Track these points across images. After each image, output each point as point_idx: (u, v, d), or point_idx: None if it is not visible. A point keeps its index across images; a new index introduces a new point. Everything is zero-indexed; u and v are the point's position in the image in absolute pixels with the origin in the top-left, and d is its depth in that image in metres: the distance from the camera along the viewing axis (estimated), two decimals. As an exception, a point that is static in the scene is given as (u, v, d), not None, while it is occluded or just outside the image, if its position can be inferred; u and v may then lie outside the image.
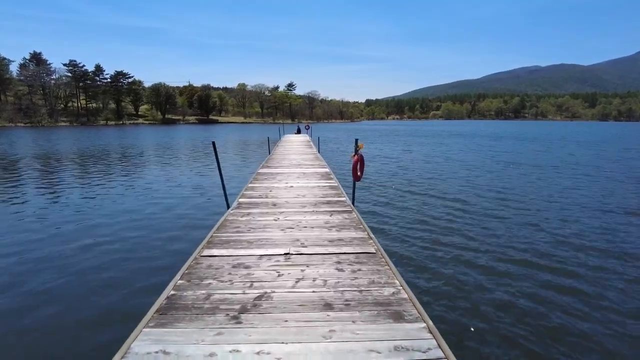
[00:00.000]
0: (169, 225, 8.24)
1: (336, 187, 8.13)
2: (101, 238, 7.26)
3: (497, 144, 33.55)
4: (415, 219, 8.49)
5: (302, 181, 8.88)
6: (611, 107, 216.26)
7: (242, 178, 13.55)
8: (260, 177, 9.57)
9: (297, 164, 12.07)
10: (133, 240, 7.18)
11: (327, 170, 10.72)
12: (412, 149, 28.83)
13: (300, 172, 10.24)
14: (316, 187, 8.07)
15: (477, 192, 11.65)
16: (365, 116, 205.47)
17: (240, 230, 4.99)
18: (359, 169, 6.57)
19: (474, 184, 13.25)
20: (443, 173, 15.86)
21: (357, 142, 6.61)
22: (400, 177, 14.73)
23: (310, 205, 6.43)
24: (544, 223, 8.27)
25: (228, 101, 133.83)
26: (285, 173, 10.13)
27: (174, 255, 6.25)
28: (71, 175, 15.12)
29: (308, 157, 14.24)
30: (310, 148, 18.67)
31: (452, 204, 10.03)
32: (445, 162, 19.98)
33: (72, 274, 5.66)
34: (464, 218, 8.63)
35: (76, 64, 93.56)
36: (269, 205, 6.53)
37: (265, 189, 7.98)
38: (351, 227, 5.15)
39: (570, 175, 15.32)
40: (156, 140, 38.35)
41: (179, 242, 7.04)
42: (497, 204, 10.07)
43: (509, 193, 11.56)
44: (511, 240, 7.05)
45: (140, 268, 5.84)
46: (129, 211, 9.41)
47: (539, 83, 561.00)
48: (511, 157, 22.31)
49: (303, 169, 11.05)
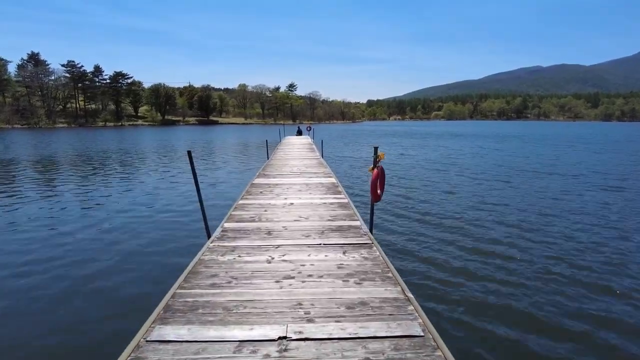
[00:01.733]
0: (116, 277, 5.71)
1: (346, 204, 6.62)
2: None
3: (512, 147, 31.97)
4: (457, 267, 6.00)
5: (305, 195, 7.36)
6: (614, 108, 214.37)
7: (235, 189, 11.92)
8: (254, 189, 8.07)
9: (299, 172, 10.56)
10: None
11: (334, 180, 9.20)
12: (420, 152, 27.29)
13: (303, 183, 8.73)
14: (322, 205, 6.56)
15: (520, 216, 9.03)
16: (367, 117, 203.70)
17: (216, 284, 3.47)
18: (379, 185, 5.04)
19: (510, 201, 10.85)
20: (462, 185, 13.44)
21: (377, 152, 5.07)
22: (418, 190, 12.36)
23: (315, 234, 4.93)
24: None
25: (229, 102, 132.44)
26: (285, 184, 8.61)
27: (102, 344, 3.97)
28: (31, 187, 13.66)
29: (311, 163, 12.74)
30: (312, 152, 17.16)
31: (499, 233, 7.74)
32: (464, 171, 17.13)
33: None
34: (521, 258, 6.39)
35: (74, 64, 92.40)
36: (262, 233, 5.02)
37: (259, 207, 6.47)
38: (376, 275, 3.63)
39: (602, 186, 13.61)
40: (152, 142, 36.89)
41: (115, 319, 4.48)
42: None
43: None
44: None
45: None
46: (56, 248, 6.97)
47: (541, 83, 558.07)
48: (538, 165, 19.26)
49: (305, 178, 9.54)
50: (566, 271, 5.82)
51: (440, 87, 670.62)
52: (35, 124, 77.84)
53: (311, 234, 4.94)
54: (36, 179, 14.59)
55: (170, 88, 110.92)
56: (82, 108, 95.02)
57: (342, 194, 7.50)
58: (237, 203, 6.72)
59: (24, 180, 14.28)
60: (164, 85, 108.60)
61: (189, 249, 6.20)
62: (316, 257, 4.09)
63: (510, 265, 6.10)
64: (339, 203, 6.73)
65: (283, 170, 11.11)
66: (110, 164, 19.61)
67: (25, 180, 14.29)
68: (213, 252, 4.31)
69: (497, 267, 6.00)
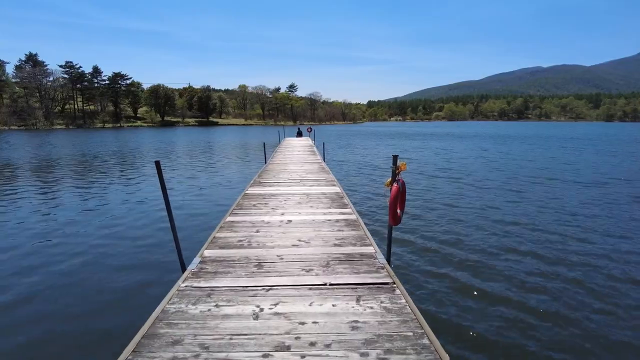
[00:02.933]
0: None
1: (355, 222, 5.53)
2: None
3: (525, 150, 30.81)
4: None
5: (305, 210, 6.28)
6: (616, 108, 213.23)
7: (225, 201, 10.43)
8: (247, 201, 6.99)
9: (299, 179, 9.48)
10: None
11: (338, 189, 8.11)
12: (425, 154, 26.17)
13: (303, 194, 7.64)
14: (326, 223, 5.47)
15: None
16: (368, 118, 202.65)
17: (178, 359, 2.41)
18: (399, 205, 3.95)
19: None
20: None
21: (397, 162, 3.98)
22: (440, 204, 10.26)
23: (319, 267, 3.85)
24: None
25: (228, 103, 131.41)
26: (282, 195, 7.53)
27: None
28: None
29: (312, 169, 11.66)
30: (313, 155, 16.08)
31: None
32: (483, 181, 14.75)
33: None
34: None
35: (72, 65, 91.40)
36: (250, 265, 3.95)
37: (251, 226, 5.39)
38: (406, 342, 2.55)
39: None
40: (147, 144, 35.83)
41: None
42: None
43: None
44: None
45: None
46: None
47: (541, 84, 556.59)
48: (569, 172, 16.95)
49: (306, 186, 8.45)
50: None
51: (441, 88, 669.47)
52: (32, 125, 76.96)
53: (313, 267, 3.86)
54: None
55: (169, 89, 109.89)
56: (81, 109, 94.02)
57: (348, 208, 6.42)
58: (224, 221, 5.64)
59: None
60: (163, 86, 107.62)
61: (154, 291, 4.96)
62: (320, 308, 3.01)
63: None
64: (346, 220, 5.65)
65: (281, 177, 10.03)
66: (96, 167, 18.55)
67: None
68: (183, 298, 3.23)
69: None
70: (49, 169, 17.96)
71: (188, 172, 17.18)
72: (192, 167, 19.05)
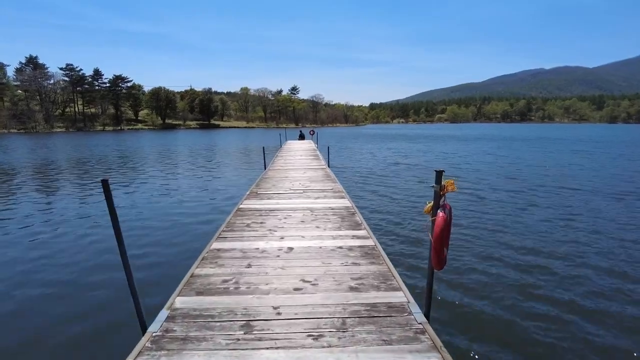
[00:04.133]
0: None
1: (374, 251, 4.38)
2: None
3: (540, 153, 29.58)
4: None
5: (310, 232, 5.13)
6: (620, 110, 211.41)
7: (215, 217, 8.75)
8: (240, 219, 5.85)
9: (301, 190, 8.34)
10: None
11: (347, 203, 6.95)
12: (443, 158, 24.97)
13: (306, 209, 6.50)
14: (337, 252, 4.32)
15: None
16: (370, 120, 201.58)
17: None
18: (445, 240, 2.81)
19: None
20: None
21: (442, 178, 2.85)
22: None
23: (331, 332, 2.70)
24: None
25: (230, 105, 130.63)
26: (282, 210, 6.39)
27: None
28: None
29: (316, 176, 10.52)
30: (317, 160, 14.95)
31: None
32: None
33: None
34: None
35: (73, 67, 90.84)
36: (235, 326, 2.80)
37: (241, 256, 4.25)
38: None
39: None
40: (142, 148, 34.81)
41: None
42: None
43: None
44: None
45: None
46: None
47: (543, 86, 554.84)
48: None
49: (310, 199, 7.31)
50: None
51: (443, 90, 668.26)
52: (32, 129, 76.25)
53: (323, 331, 2.72)
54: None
55: (170, 91, 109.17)
56: (81, 112, 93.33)
57: (362, 229, 5.27)
58: (209, 248, 4.50)
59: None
60: (164, 88, 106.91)
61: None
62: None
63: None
64: (362, 248, 4.49)
65: (281, 186, 8.90)
66: (57, 174, 17.46)
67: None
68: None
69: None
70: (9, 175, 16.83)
71: (177, 179, 15.57)
72: (183, 173, 17.44)
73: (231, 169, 19.11)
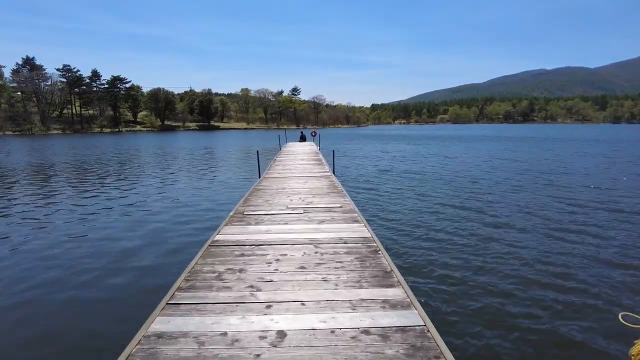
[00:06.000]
0: None
1: (428, 341, 2.56)
2: None
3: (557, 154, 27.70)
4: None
5: (314, 292, 3.28)
6: (623, 110, 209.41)
7: (172, 265, 5.96)
8: (209, 264, 3.98)
9: (302, 208, 6.50)
10: None
11: (365, 231, 5.09)
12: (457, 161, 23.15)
13: (308, 241, 4.67)
14: (361, 343, 2.48)
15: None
16: (371, 121, 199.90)
17: None
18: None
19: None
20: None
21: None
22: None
23: None
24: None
25: (230, 107, 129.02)
26: (274, 245, 4.55)
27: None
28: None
29: (320, 187, 8.72)
30: (320, 165, 13.15)
31: None
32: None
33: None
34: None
35: (70, 68, 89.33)
36: None
37: (195, 353, 2.44)
38: None
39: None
40: (131, 150, 33.07)
41: None
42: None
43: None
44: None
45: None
46: None
47: (545, 86, 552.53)
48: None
49: (313, 223, 5.49)
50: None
51: (445, 91, 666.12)
52: (28, 131, 74.71)
53: None
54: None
55: (170, 93, 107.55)
56: (79, 114, 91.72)
57: (397, 284, 3.41)
58: (147, 330, 2.67)
59: None
60: (163, 89, 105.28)
61: None
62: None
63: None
64: (405, 330, 2.65)
65: (276, 202, 7.09)
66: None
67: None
68: None
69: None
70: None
71: (148, 190, 12.76)
72: (156, 184, 14.36)
73: (221, 177, 16.20)
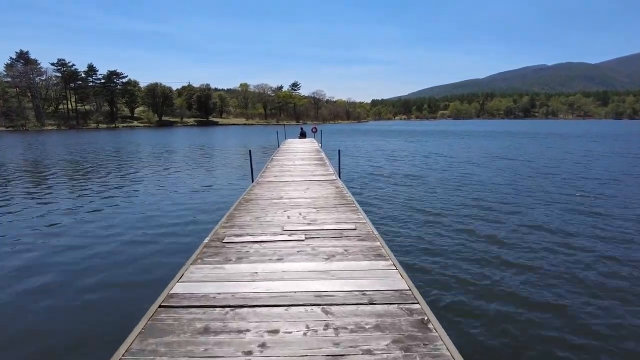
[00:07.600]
0: None
1: None
2: None
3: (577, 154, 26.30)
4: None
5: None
6: (625, 105, 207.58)
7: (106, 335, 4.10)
8: (151, 344, 2.67)
9: (302, 232, 5.05)
10: None
11: (399, 280, 3.54)
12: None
13: (313, 301, 3.16)
14: None
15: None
16: (372, 116, 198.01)
17: None
18: None
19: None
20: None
21: None
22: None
23: None
24: None
25: (229, 102, 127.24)
26: (260, 310, 3.11)
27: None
28: None
29: (324, 196, 7.32)
30: (323, 167, 11.73)
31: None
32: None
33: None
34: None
35: (65, 63, 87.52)
36: None
37: None
38: None
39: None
40: (115, 148, 31.63)
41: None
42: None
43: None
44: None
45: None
46: None
47: (546, 82, 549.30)
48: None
49: (319, 260, 4.02)
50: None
51: (446, 86, 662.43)
52: (21, 126, 73.10)
53: None
54: None
55: (167, 88, 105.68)
56: (74, 109, 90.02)
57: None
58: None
59: None
60: (161, 84, 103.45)
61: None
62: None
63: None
64: None
65: (269, 220, 5.62)
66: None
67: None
68: None
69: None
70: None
71: (117, 206, 10.35)
72: (127, 193, 12.29)
73: (205, 184, 13.91)
